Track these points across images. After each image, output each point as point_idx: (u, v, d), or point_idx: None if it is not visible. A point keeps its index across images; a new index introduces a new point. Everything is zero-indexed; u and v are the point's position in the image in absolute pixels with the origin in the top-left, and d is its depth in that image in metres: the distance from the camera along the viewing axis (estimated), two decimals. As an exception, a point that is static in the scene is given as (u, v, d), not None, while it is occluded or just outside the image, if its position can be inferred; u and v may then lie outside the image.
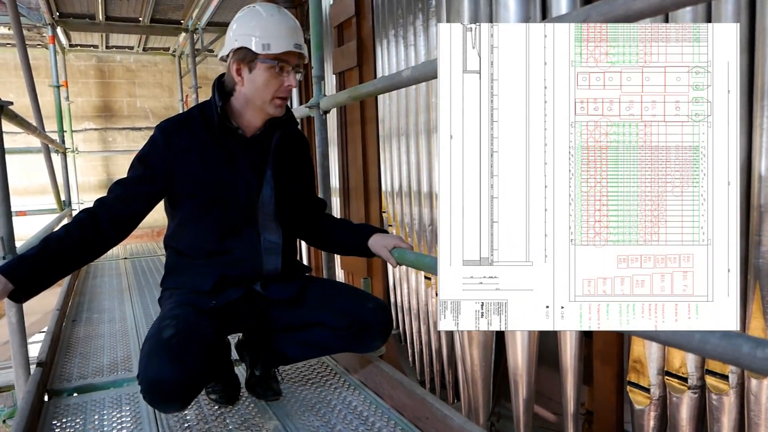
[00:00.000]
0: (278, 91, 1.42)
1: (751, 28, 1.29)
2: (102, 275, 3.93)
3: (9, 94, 6.33)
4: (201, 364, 1.30)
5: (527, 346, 1.98)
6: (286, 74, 1.42)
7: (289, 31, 1.41)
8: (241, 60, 1.41)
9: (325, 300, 1.54)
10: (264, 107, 1.44)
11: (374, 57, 2.93)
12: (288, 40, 1.40)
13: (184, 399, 1.31)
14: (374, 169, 3.07)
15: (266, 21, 1.41)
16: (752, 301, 1.33)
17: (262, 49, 1.38)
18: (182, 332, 1.32)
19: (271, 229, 1.52)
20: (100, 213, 1.40)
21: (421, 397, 1.45)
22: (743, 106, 1.31)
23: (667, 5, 0.81)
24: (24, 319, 1.75)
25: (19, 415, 1.44)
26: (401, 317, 2.96)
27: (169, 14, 5.77)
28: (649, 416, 1.62)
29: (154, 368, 1.26)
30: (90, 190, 7.44)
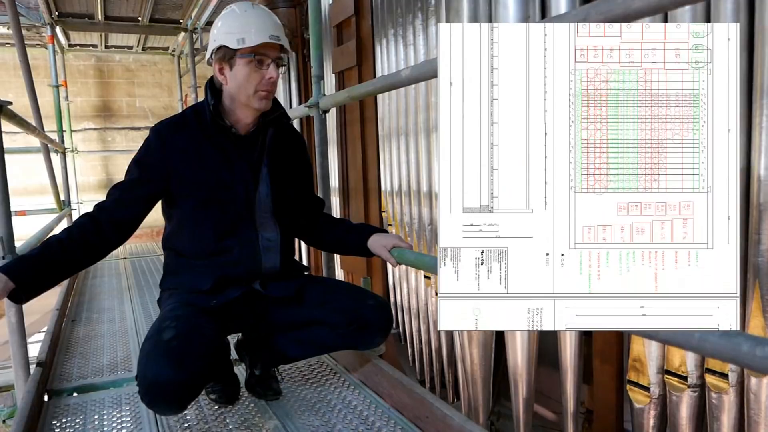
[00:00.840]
0: (260, 84, 1.42)
1: (750, 27, 1.29)
2: (102, 275, 3.93)
3: (8, 93, 6.33)
4: (201, 365, 1.29)
5: (527, 345, 1.98)
6: (266, 67, 1.42)
7: (263, 24, 1.42)
8: (222, 59, 1.44)
9: (325, 298, 1.54)
10: (249, 102, 1.45)
11: (373, 56, 2.93)
12: (262, 33, 1.40)
13: (183, 401, 1.30)
14: (374, 168, 3.07)
15: (240, 17, 1.43)
16: (752, 299, 1.33)
17: (237, 44, 1.40)
18: (183, 334, 1.31)
19: (268, 227, 1.52)
20: (101, 217, 1.40)
21: (421, 397, 1.45)
22: (743, 105, 1.32)
23: (666, 4, 0.81)
24: (24, 319, 1.75)
25: (19, 414, 1.44)
26: (401, 316, 2.96)
27: (168, 14, 5.77)
28: (648, 415, 1.63)
29: (153, 370, 1.25)
30: (89, 189, 7.43)
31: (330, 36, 3.39)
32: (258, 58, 1.41)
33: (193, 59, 6.10)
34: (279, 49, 1.44)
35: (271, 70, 1.43)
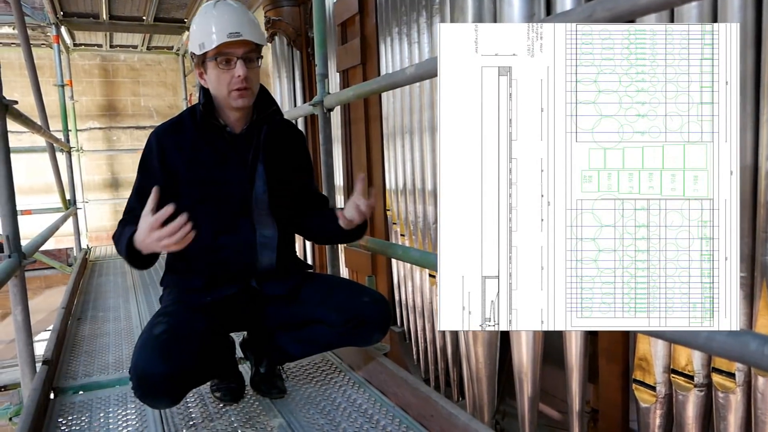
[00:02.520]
0: (231, 84, 1.40)
1: (758, 24, 1.28)
2: (107, 274, 3.95)
3: (14, 93, 6.35)
4: (189, 359, 1.31)
5: (532, 344, 1.97)
6: (233, 65, 1.39)
7: (222, 23, 1.39)
8: (197, 64, 1.45)
9: (322, 296, 1.55)
10: (227, 102, 1.44)
11: (378, 54, 2.92)
12: (219, 34, 1.37)
13: (173, 394, 1.32)
14: (378, 166, 3.07)
15: (201, 20, 1.43)
16: (759, 298, 1.33)
17: (199, 50, 1.40)
18: (172, 328, 1.35)
19: (266, 224, 1.53)
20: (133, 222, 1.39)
21: (426, 395, 1.44)
22: (750, 102, 1.30)
23: (673, 0, 0.80)
24: (30, 317, 1.75)
25: (25, 412, 1.45)
26: (405, 315, 2.95)
27: (173, 13, 5.78)
28: (654, 414, 1.62)
29: (143, 362, 1.28)
30: (95, 188, 7.46)
31: (334, 34, 3.38)
32: (222, 58, 1.39)
33: (198, 58, 6.10)
34: (245, 45, 1.40)
35: (238, 68, 1.39)
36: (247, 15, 1.44)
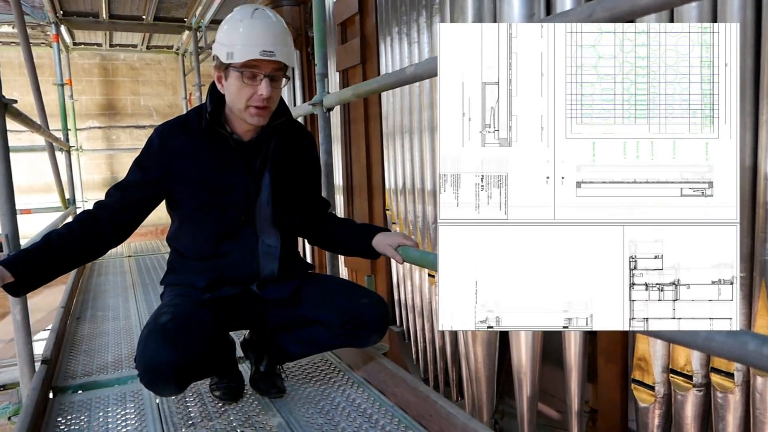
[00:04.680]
0: (251, 100, 1.35)
1: (758, 24, 1.28)
2: (106, 273, 3.94)
3: (13, 92, 6.34)
4: (196, 346, 1.32)
5: (531, 343, 1.98)
6: (258, 81, 1.33)
7: (256, 37, 1.31)
8: (218, 68, 1.39)
9: (322, 298, 1.54)
10: (242, 116, 1.39)
11: (378, 54, 2.92)
12: (252, 48, 1.30)
13: (180, 381, 1.33)
14: (378, 166, 3.07)
15: (234, 27, 1.34)
16: (758, 298, 1.33)
17: (227, 58, 1.33)
18: (179, 317, 1.35)
19: (269, 233, 1.51)
20: (102, 216, 1.41)
21: (425, 395, 1.44)
22: (750, 103, 1.31)
23: (673, 0, 0.80)
24: (29, 316, 1.75)
25: (24, 412, 1.45)
26: (405, 315, 2.95)
27: (173, 12, 5.78)
28: (653, 414, 1.62)
29: (150, 350, 1.29)
30: (94, 187, 7.47)
31: (334, 34, 3.38)
32: (249, 72, 1.33)
33: (198, 58, 6.11)
34: (274, 63, 1.34)
35: (263, 86, 1.33)
36: (284, 33, 1.37)
